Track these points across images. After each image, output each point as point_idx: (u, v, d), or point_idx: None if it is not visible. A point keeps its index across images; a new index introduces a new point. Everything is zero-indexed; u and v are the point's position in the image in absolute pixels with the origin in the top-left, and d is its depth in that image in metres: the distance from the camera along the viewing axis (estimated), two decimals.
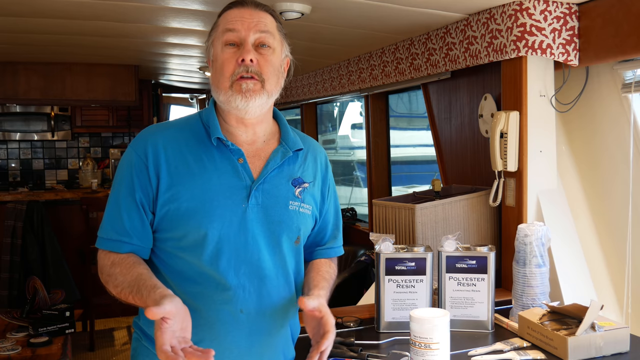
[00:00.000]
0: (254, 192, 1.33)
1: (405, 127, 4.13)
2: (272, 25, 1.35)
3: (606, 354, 1.57)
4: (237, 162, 1.34)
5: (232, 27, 1.31)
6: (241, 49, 1.30)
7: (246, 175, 1.33)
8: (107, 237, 1.33)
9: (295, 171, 1.41)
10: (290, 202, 1.37)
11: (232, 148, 1.34)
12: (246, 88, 1.29)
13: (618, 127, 2.15)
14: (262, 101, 1.32)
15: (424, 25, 2.47)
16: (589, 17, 2.04)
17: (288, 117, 5.80)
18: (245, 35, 1.31)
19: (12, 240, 4.53)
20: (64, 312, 3.21)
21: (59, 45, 3.52)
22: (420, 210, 2.22)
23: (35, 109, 5.60)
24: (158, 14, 2.55)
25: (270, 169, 1.36)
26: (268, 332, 1.37)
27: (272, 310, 1.36)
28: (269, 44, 1.33)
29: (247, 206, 1.32)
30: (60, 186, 5.73)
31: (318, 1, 2.16)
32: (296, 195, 1.38)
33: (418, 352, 1.40)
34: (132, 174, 1.32)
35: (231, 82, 1.30)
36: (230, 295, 1.31)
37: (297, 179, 1.40)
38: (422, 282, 1.79)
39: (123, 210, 1.32)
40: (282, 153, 1.39)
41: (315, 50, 3.22)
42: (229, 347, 1.32)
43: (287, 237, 1.37)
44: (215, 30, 1.36)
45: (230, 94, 1.30)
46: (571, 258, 2.11)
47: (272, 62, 1.33)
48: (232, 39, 1.31)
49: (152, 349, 1.37)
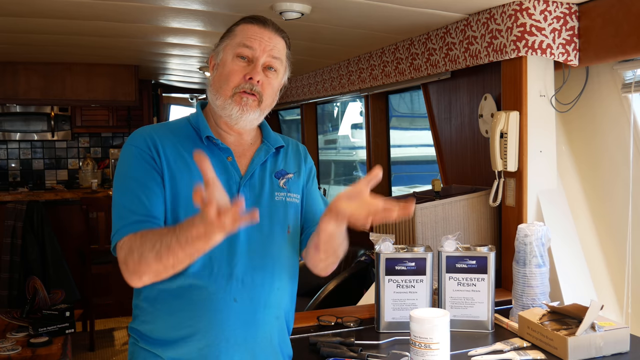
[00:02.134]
0: (243, 187, 1.40)
1: (407, 127, 4.13)
2: (283, 52, 1.45)
3: (606, 354, 1.57)
4: (226, 160, 1.41)
5: (249, 44, 1.39)
6: (251, 67, 1.39)
7: (235, 172, 1.41)
8: (129, 222, 1.29)
9: (277, 165, 1.49)
10: (276, 194, 1.45)
11: (222, 147, 1.42)
12: (245, 102, 1.38)
13: (618, 127, 2.15)
14: (255, 116, 1.41)
15: (424, 25, 2.47)
16: (589, 17, 2.04)
17: (288, 117, 5.80)
18: (259, 56, 1.39)
19: (12, 240, 4.53)
20: (64, 312, 3.21)
21: (59, 45, 3.52)
22: (420, 210, 2.22)
23: (35, 109, 5.60)
24: (158, 14, 2.55)
25: (255, 165, 1.44)
26: (263, 323, 1.39)
27: (266, 300, 1.40)
28: (276, 68, 1.43)
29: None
30: (60, 186, 5.73)
31: (318, 1, 2.16)
32: (281, 187, 1.46)
33: (418, 352, 1.40)
34: (138, 161, 1.35)
35: (233, 92, 1.38)
36: (223, 284, 1.34)
37: (280, 171, 1.49)
38: (422, 282, 1.79)
39: (139, 194, 1.32)
40: (265, 150, 1.48)
41: (315, 50, 3.22)
42: (225, 337, 1.35)
43: (278, 227, 1.43)
44: (232, 38, 1.42)
45: (230, 102, 1.38)
46: (571, 258, 2.11)
47: (273, 85, 1.43)
48: (246, 54, 1.39)
49: (150, 349, 1.38)
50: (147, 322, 1.39)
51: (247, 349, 1.37)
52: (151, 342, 1.38)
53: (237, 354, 1.36)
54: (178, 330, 1.35)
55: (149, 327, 1.39)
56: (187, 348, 1.34)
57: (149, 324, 1.39)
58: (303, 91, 4.35)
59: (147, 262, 1.21)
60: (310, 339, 1.71)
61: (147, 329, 1.39)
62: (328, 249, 1.37)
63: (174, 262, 1.18)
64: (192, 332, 1.34)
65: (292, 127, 5.78)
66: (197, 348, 1.34)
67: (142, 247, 1.22)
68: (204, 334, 1.33)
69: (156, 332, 1.37)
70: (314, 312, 2.04)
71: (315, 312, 2.00)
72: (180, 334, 1.35)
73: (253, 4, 2.20)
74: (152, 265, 1.20)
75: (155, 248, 1.19)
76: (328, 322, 1.88)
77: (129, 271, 1.25)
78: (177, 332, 1.35)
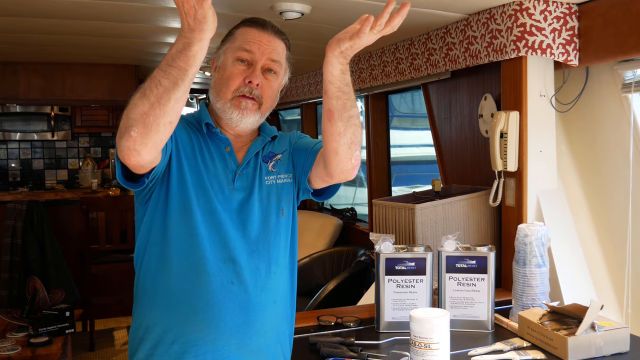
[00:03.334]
0: (238, 176, 1.44)
1: (409, 127, 4.12)
2: (283, 54, 1.47)
3: (606, 354, 1.57)
4: (224, 149, 1.46)
5: (248, 47, 1.42)
6: (251, 70, 1.41)
7: (232, 161, 1.45)
8: None
9: (266, 150, 1.52)
10: (266, 178, 1.48)
11: (221, 136, 1.46)
12: (245, 106, 1.41)
13: (618, 127, 2.15)
14: (255, 119, 1.44)
15: (424, 25, 2.47)
16: (589, 17, 2.04)
17: (288, 117, 5.80)
18: (259, 59, 1.42)
19: (12, 240, 4.52)
20: (64, 312, 3.21)
21: (59, 45, 3.52)
22: (420, 210, 2.22)
23: (35, 109, 5.59)
24: (158, 14, 2.55)
25: (251, 153, 1.47)
26: (263, 307, 1.41)
27: (264, 284, 1.42)
28: (276, 70, 1.45)
29: (234, 188, 1.43)
30: (60, 186, 5.73)
31: (318, 1, 2.16)
32: (269, 170, 1.49)
33: (418, 352, 1.40)
34: None
35: (233, 96, 1.41)
36: (221, 266, 1.38)
37: (267, 154, 1.51)
38: (422, 282, 1.79)
39: None
40: (261, 140, 1.51)
41: (315, 50, 3.22)
42: (223, 319, 1.36)
43: (272, 212, 1.45)
44: (232, 41, 1.45)
45: (229, 106, 1.42)
46: (571, 258, 2.11)
47: (273, 87, 1.46)
48: (245, 57, 1.42)
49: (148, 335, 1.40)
50: (145, 305, 1.41)
51: (244, 332, 1.38)
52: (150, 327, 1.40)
53: (234, 338, 1.37)
54: (176, 312, 1.36)
55: (147, 309, 1.41)
56: (185, 330, 1.36)
57: (147, 306, 1.41)
58: (303, 91, 4.35)
59: (134, 105, 1.14)
60: (310, 339, 1.72)
61: (146, 312, 1.41)
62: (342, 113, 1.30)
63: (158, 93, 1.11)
64: (192, 310, 1.36)
65: (292, 127, 5.77)
66: (194, 330, 1.35)
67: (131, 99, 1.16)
68: (203, 314, 1.35)
69: (154, 315, 1.39)
70: (314, 312, 2.04)
71: (315, 312, 2.00)
72: (178, 315, 1.36)
73: (253, 4, 2.20)
74: (138, 106, 1.13)
75: (141, 89, 1.14)
76: (328, 322, 1.88)
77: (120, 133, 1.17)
78: (175, 313, 1.36)
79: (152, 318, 1.40)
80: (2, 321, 3.22)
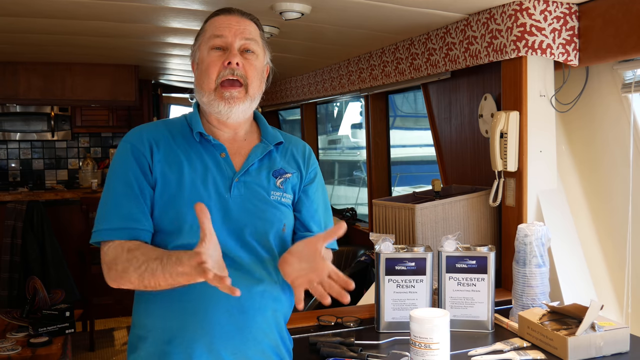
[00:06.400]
0: (236, 183, 1.40)
1: (411, 127, 4.12)
2: (256, 33, 1.45)
3: (606, 354, 1.57)
4: (219, 156, 1.42)
5: (219, 33, 1.41)
6: (227, 53, 1.39)
7: (228, 168, 1.42)
8: (115, 227, 1.34)
9: (276, 164, 1.48)
10: (272, 193, 1.44)
11: (215, 143, 1.43)
12: (229, 96, 1.38)
13: (618, 127, 2.15)
14: (245, 107, 1.41)
15: (424, 25, 2.47)
16: (589, 17, 2.04)
17: (288, 117, 5.80)
18: (232, 41, 1.40)
19: (12, 240, 4.53)
20: (64, 312, 3.21)
21: (59, 45, 3.52)
22: (420, 210, 2.22)
23: (35, 109, 5.59)
24: (158, 14, 2.55)
25: (250, 162, 1.43)
26: (262, 311, 1.39)
27: (258, 290, 1.39)
28: (253, 49, 1.43)
29: (230, 197, 1.39)
30: (60, 186, 5.73)
31: (318, 1, 2.16)
32: (277, 186, 1.45)
33: (418, 352, 1.40)
34: (129, 161, 1.38)
35: (216, 85, 1.39)
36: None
37: (279, 169, 1.47)
38: (422, 282, 1.79)
39: (127, 198, 1.35)
40: (262, 148, 1.47)
41: (315, 50, 3.22)
42: (218, 322, 1.36)
43: (273, 225, 1.43)
44: (203, 35, 1.45)
45: (213, 98, 1.40)
46: (571, 258, 2.11)
47: (255, 67, 1.42)
48: (219, 43, 1.40)
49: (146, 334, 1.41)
50: (145, 305, 1.42)
51: (240, 335, 1.37)
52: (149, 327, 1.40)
53: (230, 341, 1.37)
54: (175, 313, 1.37)
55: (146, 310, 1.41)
56: (183, 331, 1.36)
57: (147, 307, 1.41)
58: (303, 91, 4.35)
59: (130, 279, 1.28)
60: (310, 339, 1.71)
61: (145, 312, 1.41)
62: None
63: (155, 285, 1.25)
64: (187, 313, 1.35)
65: (292, 127, 5.77)
66: (191, 331, 1.36)
67: (128, 263, 1.28)
68: (197, 318, 1.35)
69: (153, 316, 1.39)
70: (314, 312, 2.03)
71: (315, 312, 2.00)
72: (177, 316, 1.36)
73: (253, 4, 2.20)
74: (133, 282, 1.28)
75: (139, 270, 1.26)
76: (328, 322, 1.88)
77: (110, 277, 1.32)
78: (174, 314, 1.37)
79: (152, 319, 1.39)
80: (2, 321, 3.22)
